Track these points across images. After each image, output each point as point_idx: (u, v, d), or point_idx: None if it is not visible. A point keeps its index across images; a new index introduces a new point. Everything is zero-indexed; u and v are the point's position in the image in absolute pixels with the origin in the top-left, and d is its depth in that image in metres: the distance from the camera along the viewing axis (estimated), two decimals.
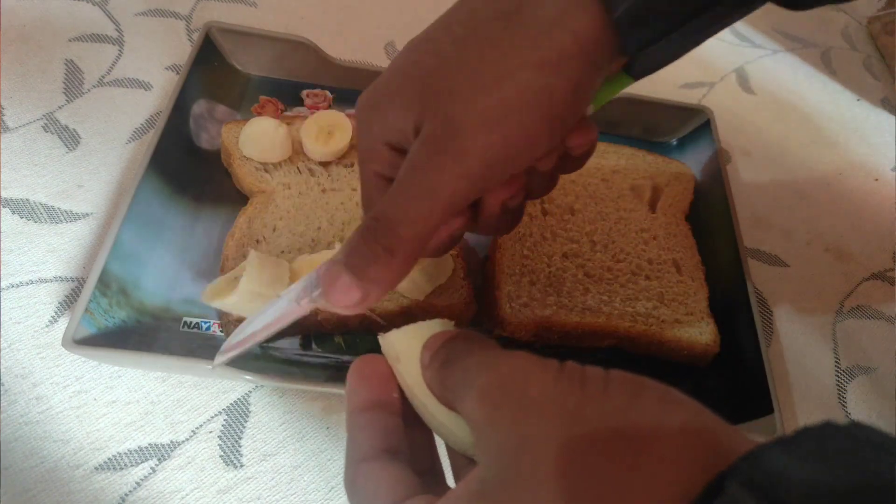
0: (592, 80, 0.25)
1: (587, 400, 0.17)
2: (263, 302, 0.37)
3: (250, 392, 0.38)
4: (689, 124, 0.55)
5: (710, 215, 0.49)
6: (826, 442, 0.15)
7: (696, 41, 0.26)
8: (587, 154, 0.29)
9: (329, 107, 0.52)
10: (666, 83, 0.63)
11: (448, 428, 0.23)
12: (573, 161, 0.29)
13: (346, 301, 0.24)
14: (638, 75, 0.27)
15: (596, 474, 0.16)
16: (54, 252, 0.41)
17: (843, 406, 0.45)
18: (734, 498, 0.14)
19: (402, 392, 0.24)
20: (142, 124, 0.48)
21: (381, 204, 0.25)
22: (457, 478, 0.25)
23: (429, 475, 0.24)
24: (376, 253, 0.24)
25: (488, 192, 0.26)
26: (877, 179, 0.60)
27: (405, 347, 0.24)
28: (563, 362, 0.19)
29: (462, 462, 0.24)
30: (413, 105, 0.25)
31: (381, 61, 0.57)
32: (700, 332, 0.41)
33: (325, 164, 0.46)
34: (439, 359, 0.23)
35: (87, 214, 0.43)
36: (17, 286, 0.39)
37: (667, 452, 0.16)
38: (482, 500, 0.18)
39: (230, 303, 0.36)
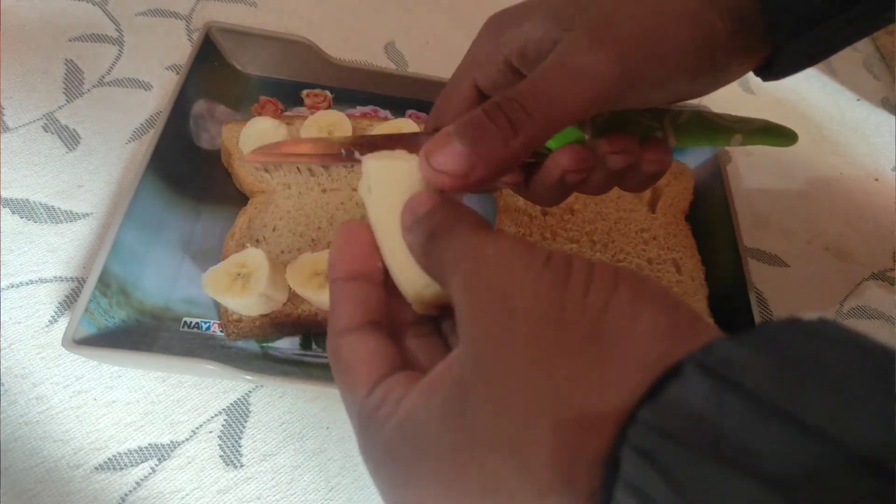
0: (735, 45, 0.25)
1: (568, 301, 0.17)
2: (269, 304, 0.38)
3: (250, 392, 0.38)
4: None
5: (710, 215, 0.49)
6: (786, 335, 0.15)
7: (841, 42, 0.26)
8: (656, 175, 0.30)
9: (329, 107, 0.52)
10: None
11: (404, 273, 0.22)
12: (640, 177, 0.30)
13: (450, 167, 0.22)
14: (774, 74, 0.27)
15: (564, 374, 0.17)
16: (54, 252, 0.41)
17: None
18: (687, 378, 0.15)
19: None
20: (142, 124, 0.48)
21: (517, 86, 0.24)
22: None
23: (415, 328, 0.24)
24: (500, 126, 0.22)
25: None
26: (877, 179, 0.60)
27: (378, 180, 0.23)
28: (550, 255, 0.19)
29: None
30: (561, 13, 0.25)
31: (381, 61, 0.57)
32: None
33: (325, 165, 0.46)
34: (425, 230, 0.21)
35: (87, 214, 0.43)
36: (17, 286, 0.39)
37: (633, 350, 0.17)
38: (459, 394, 0.18)
39: (241, 303, 0.36)
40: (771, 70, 0.27)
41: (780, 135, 0.32)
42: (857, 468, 0.11)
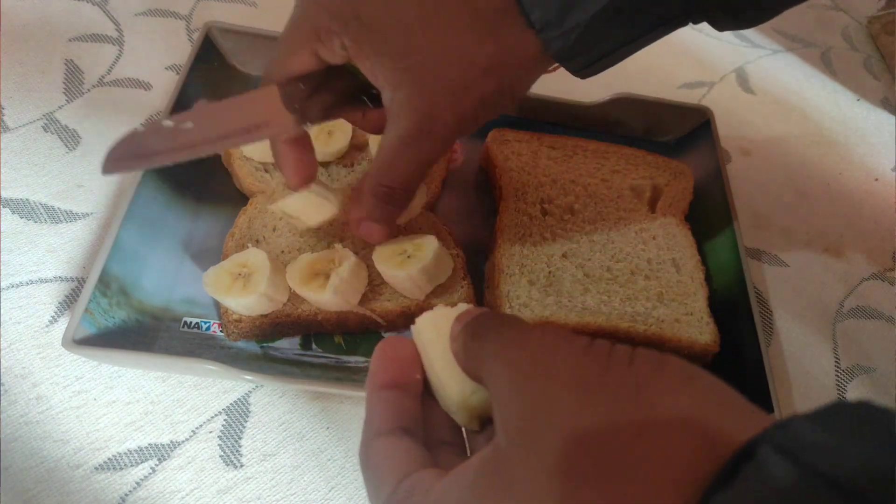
0: (522, 84, 0.31)
1: (611, 373, 0.17)
2: (269, 304, 0.38)
3: (250, 392, 0.38)
4: (689, 124, 0.55)
5: (710, 215, 0.49)
6: (861, 418, 0.14)
7: (633, 52, 0.30)
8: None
9: None
10: (666, 83, 0.63)
11: (450, 381, 0.23)
12: None
13: (376, 238, 0.36)
14: (579, 77, 0.31)
15: (612, 444, 0.16)
16: (54, 252, 0.41)
17: None
18: (764, 461, 0.14)
19: (423, 372, 0.25)
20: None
21: (378, 169, 0.32)
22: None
23: (448, 447, 0.24)
24: (385, 202, 0.33)
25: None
26: (877, 179, 0.60)
27: (433, 326, 0.25)
28: (592, 340, 0.19)
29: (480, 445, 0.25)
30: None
31: None
32: (700, 332, 0.41)
33: (325, 164, 0.46)
34: (469, 331, 0.23)
35: (87, 214, 0.43)
36: (17, 286, 0.39)
37: (680, 438, 0.16)
38: (493, 466, 0.18)
39: (241, 303, 0.36)
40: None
41: None
42: None
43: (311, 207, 0.39)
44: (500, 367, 0.20)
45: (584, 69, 0.30)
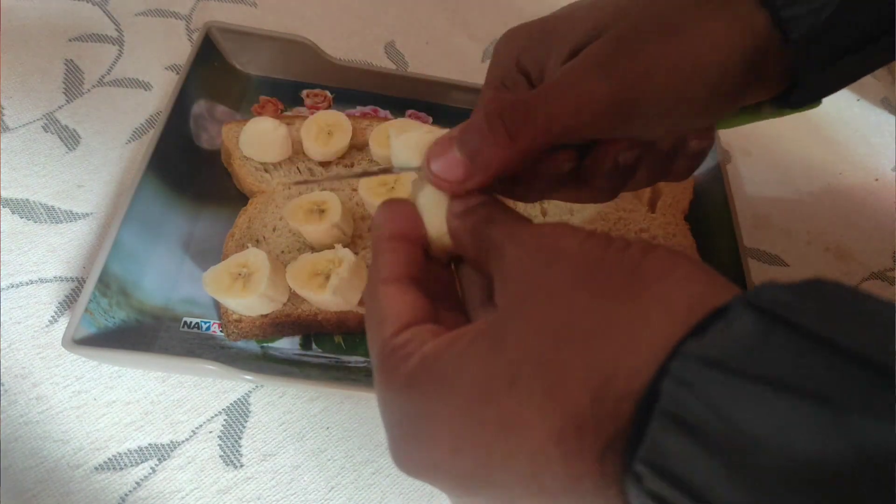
0: (751, 83, 0.25)
1: (608, 254, 0.19)
2: (269, 304, 0.38)
3: (250, 392, 0.38)
4: None
5: (710, 215, 0.49)
6: (832, 288, 0.15)
7: (865, 69, 0.26)
8: (702, 151, 0.30)
9: (329, 107, 0.52)
10: None
11: (429, 217, 0.24)
12: (687, 155, 0.29)
13: (448, 175, 0.23)
14: (791, 105, 0.27)
15: (600, 309, 0.17)
16: (54, 252, 0.41)
17: None
18: (733, 315, 0.15)
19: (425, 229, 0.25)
20: (142, 124, 0.48)
21: (523, 96, 0.24)
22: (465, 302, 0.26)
23: (449, 311, 0.24)
24: (496, 134, 0.23)
25: (608, 141, 0.26)
26: (877, 179, 0.60)
27: (402, 146, 0.25)
28: (594, 230, 0.20)
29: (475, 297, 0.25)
30: (580, 42, 0.25)
31: (381, 61, 0.57)
32: None
33: (325, 164, 0.46)
34: (479, 216, 0.23)
35: (87, 214, 0.43)
36: (17, 286, 0.39)
37: (673, 290, 0.17)
38: (489, 332, 0.19)
39: (241, 303, 0.37)
40: (787, 101, 0.27)
41: (756, 111, 0.32)
42: None
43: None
44: (510, 247, 0.21)
45: (815, 72, 0.25)
